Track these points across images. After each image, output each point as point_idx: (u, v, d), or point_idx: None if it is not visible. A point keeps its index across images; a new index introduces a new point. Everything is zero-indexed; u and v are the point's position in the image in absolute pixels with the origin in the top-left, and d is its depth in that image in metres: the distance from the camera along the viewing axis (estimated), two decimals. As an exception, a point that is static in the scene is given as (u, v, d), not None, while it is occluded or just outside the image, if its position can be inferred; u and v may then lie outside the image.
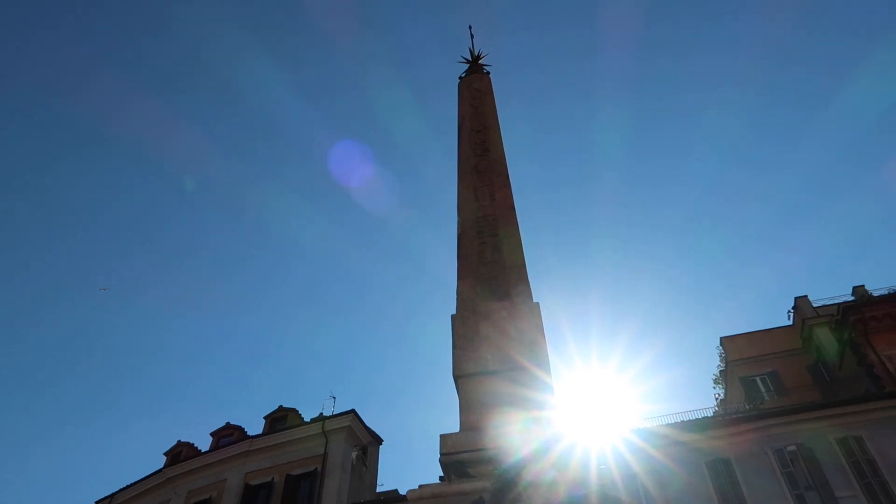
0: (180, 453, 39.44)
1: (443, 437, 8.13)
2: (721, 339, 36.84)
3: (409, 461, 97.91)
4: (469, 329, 9.51)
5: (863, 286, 33.74)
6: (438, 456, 8.21)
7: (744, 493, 26.10)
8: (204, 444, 39.81)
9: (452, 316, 9.74)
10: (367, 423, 36.98)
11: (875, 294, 32.20)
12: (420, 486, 7.38)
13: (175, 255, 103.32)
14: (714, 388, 39.18)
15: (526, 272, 10.34)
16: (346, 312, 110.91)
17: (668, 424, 29.06)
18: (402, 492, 29.04)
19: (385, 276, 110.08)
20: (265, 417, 39.28)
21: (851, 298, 32.86)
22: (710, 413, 31.86)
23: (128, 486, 38.52)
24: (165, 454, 40.11)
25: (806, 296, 35.87)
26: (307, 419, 37.66)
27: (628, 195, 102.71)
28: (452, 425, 8.66)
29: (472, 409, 8.64)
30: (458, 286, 10.09)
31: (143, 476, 38.49)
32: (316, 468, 33.70)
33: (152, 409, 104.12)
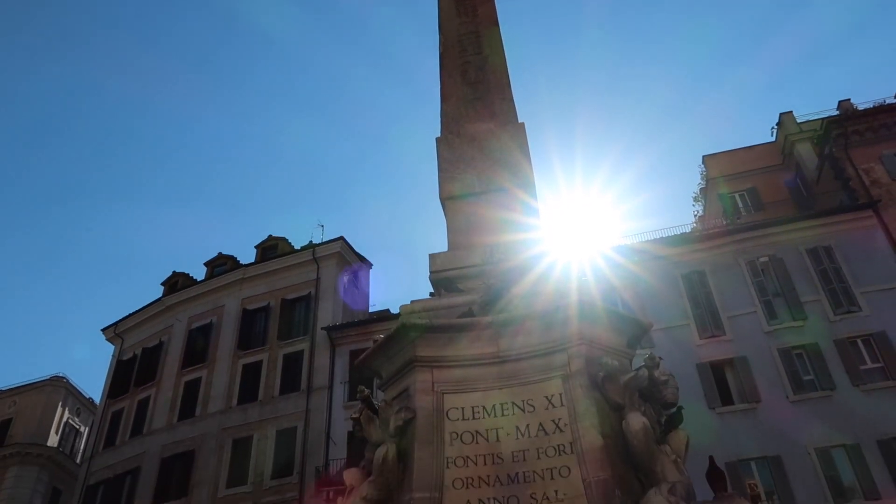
0: (177, 283, 40.72)
1: (432, 257, 8.41)
2: (703, 157, 37.09)
3: (399, 284, 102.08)
4: (454, 151, 9.47)
5: (848, 100, 33.45)
6: (428, 274, 8.55)
7: (716, 302, 27.73)
8: (199, 273, 41.03)
9: (437, 139, 9.65)
10: (356, 249, 38.01)
11: (860, 108, 32.02)
12: (412, 302, 7.75)
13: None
14: (693, 205, 40.17)
15: (511, 92, 10.09)
16: (333, 132, 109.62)
17: (647, 241, 30.13)
18: (394, 311, 30.63)
19: (381, 101, 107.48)
20: (256, 247, 40.18)
21: (837, 113, 32.70)
22: (688, 230, 32.94)
23: (130, 315, 40.15)
24: (163, 284, 41.40)
25: (791, 111, 35.63)
26: (297, 247, 38.58)
27: (618, 6, 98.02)
28: (441, 246, 8.93)
29: (460, 230, 8.85)
30: (441, 107, 9.89)
31: (143, 305, 39.94)
32: (309, 292, 35.09)
33: (146, 242, 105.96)
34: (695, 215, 39.21)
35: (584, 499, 5.82)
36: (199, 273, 40.87)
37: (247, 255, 40.46)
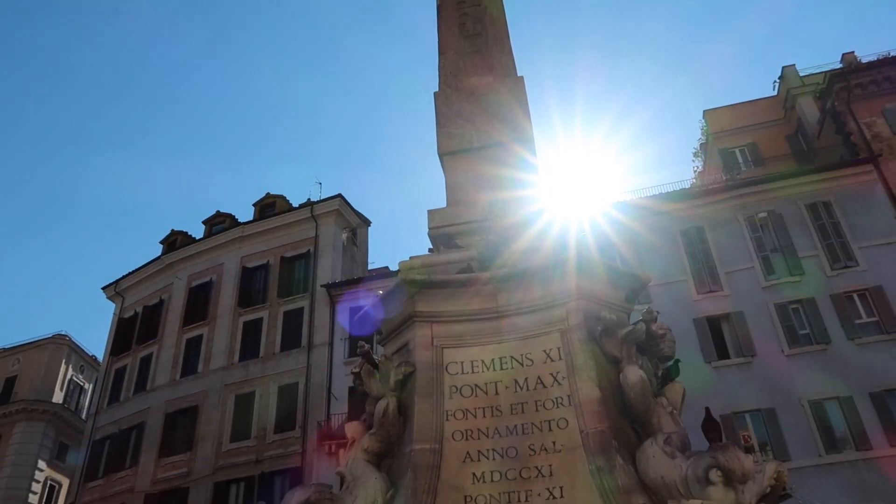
0: (175, 241, 40.73)
1: (430, 213, 8.38)
2: (704, 112, 36.72)
3: (398, 242, 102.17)
4: (452, 106, 9.35)
5: (852, 53, 32.98)
6: (427, 230, 8.54)
7: (714, 257, 27.84)
8: (197, 232, 41.02)
9: (435, 93, 9.52)
10: (355, 207, 37.93)
11: (864, 61, 31.58)
12: (411, 258, 7.75)
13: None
14: (693, 161, 39.95)
15: (510, 45, 9.93)
16: (331, 87, 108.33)
17: (647, 197, 30.07)
18: (393, 269, 30.74)
19: (380, 55, 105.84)
20: (254, 205, 40.08)
21: (840, 66, 32.26)
22: (687, 185, 32.83)
23: (130, 273, 40.27)
24: (161, 242, 41.41)
25: (793, 65, 35.14)
26: (295, 205, 38.49)
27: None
28: (440, 203, 8.90)
29: (458, 186, 8.81)
30: (439, 61, 9.72)
31: (143, 263, 40.03)
32: (308, 250, 35.15)
33: (143, 199, 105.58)
34: (694, 171, 39.05)
35: (582, 450, 5.92)
36: (197, 231, 40.90)
37: (245, 213, 40.44)
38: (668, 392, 6.47)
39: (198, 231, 40.82)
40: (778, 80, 35.65)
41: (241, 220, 39.24)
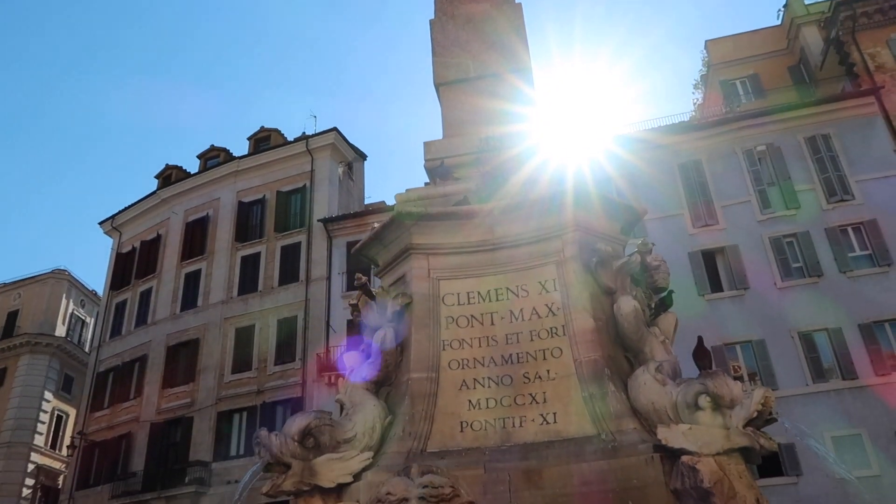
0: (170, 175, 40.46)
1: (427, 144, 8.32)
2: (706, 42, 35.91)
3: (394, 176, 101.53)
4: (448, 35, 9.14)
5: (861, -21, 31.94)
6: (423, 163, 8.49)
7: (710, 191, 27.80)
8: (192, 166, 40.69)
9: (431, 21, 9.30)
10: (351, 141, 37.53)
11: (871, -12, 30.65)
12: (407, 190, 7.74)
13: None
14: (693, 93, 39.36)
15: (508, -30, 9.63)
16: (326, 15, 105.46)
17: (645, 130, 29.78)
18: (390, 203, 30.65)
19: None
20: (249, 138, 39.62)
21: (846, -7, 31.32)
22: (686, 118, 32.45)
23: (126, 208, 40.16)
24: (156, 177, 41.13)
25: (800, -8, 34.14)
26: (290, 139, 38.06)
27: None
28: (436, 136, 8.81)
29: (455, 117, 8.70)
30: (435, -13, 9.46)
31: (139, 198, 39.88)
32: (304, 184, 34.99)
33: (136, 132, 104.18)
34: (694, 104, 38.52)
35: (575, 378, 6.08)
36: (192, 166, 40.54)
37: (240, 148, 40.07)
38: (660, 322, 6.59)
39: (192, 166, 40.51)
40: (782, 9, 34.74)
41: (235, 154, 38.87)
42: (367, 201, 38.31)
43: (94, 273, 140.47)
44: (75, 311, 47.09)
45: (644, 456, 5.24)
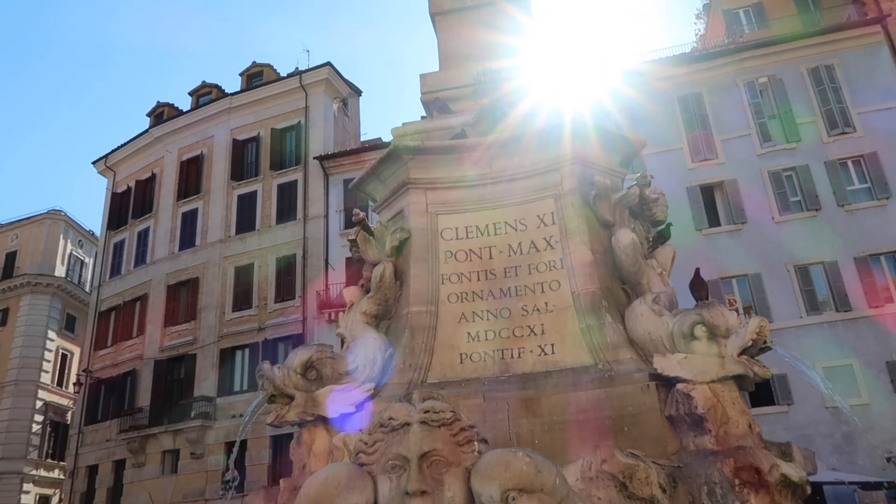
0: (162, 113, 39.86)
1: (423, 77, 8.16)
2: (710, -30, 34.77)
3: (390, 114, 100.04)
4: (445, -38, 8.85)
5: None
6: (420, 96, 8.35)
7: (711, 125, 27.49)
8: (183, 104, 40.02)
9: (426, -54, 8.98)
10: (345, 76, 36.81)
11: None
12: (404, 124, 7.64)
13: None
14: (696, 23, 38.40)
15: None
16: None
17: (645, 62, 29.17)
18: (386, 140, 30.30)
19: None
20: (241, 74, 38.83)
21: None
22: (688, 50, 31.75)
23: (119, 147, 39.71)
24: (148, 115, 40.51)
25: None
26: (283, 75, 37.32)
27: None
28: (432, 68, 8.62)
29: (451, 48, 8.52)
30: None
31: (132, 137, 39.38)
32: (299, 121, 34.53)
33: (125, 69, 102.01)
34: (696, 35, 37.62)
35: (573, 309, 6.14)
36: (184, 103, 39.87)
37: (231, 84, 39.29)
38: (658, 255, 6.62)
39: (184, 103, 39.84)
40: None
41: (228, 91, 38.14)
42: (362, 138, 37.86)
43: (91, 213, 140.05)
44: (74, 252, 47.17)
45: (640, 384, 5.35)
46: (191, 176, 36.13)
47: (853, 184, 25.42)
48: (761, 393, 20.50)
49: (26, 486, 39.52)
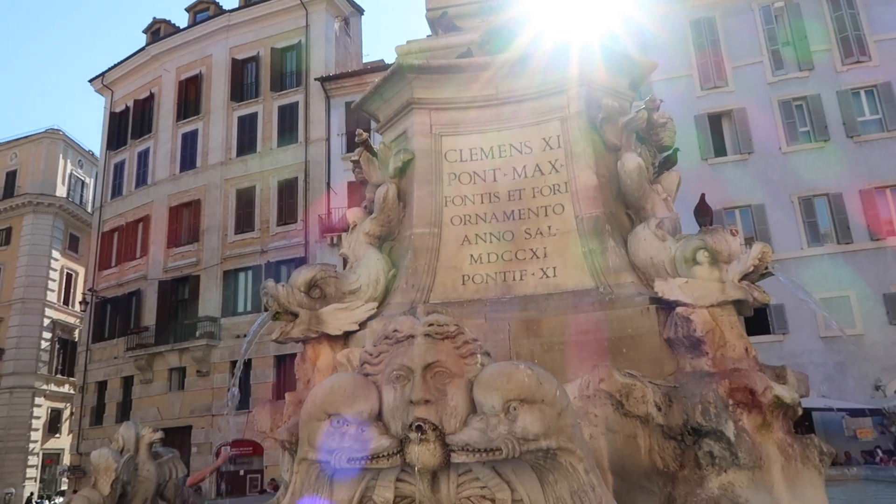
0: (159, 30, 38.88)
1: (428, -9, 7.88)
2: None
3: (393, 36, 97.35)
4: None
5: None
6: (424, 12, 8.08)
7: (722, 51, 26.79)
8: (180, 20, 38.94)
9: None
10: (347, -7, 35.62)
11: None
12: (408, 42, 7.42)
13: None
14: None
15: None
16: None
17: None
18: (389, 61, 29.59)
19: None
20: (239, -10, 37.57)
21: None
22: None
23: (116, 65, 38.91)
24: (144, 32, 39.51)
25: None
26: (283, -10, 36.07)
27: None
28: (437, -17, 8.30)
29: (458, -38, 8.18)
30: None
31: (128, 55, 38.54)
32: (300, 40, 33.71)
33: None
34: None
35: (576, 233, 6.14)
36: (180, 20, 38.84)
37: (230, 0, 38.08)
38: (663, 180, 6.56)
39: (181, 19, 38.85)
40: None
41: (226, 7, 37.02)
42: (364, 60, 37.01)
43: (90, 134, 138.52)
44: (74, 172, 46.96)
45: (640, 307, 5.41)
46: (190, 96, 35.53)
47: (864, 114, 25.00)
48: (758, 322, 20.82)
49: (38, 401, 40.77)
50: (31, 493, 38.70)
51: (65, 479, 35.89)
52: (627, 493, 4.63)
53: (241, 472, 27.16)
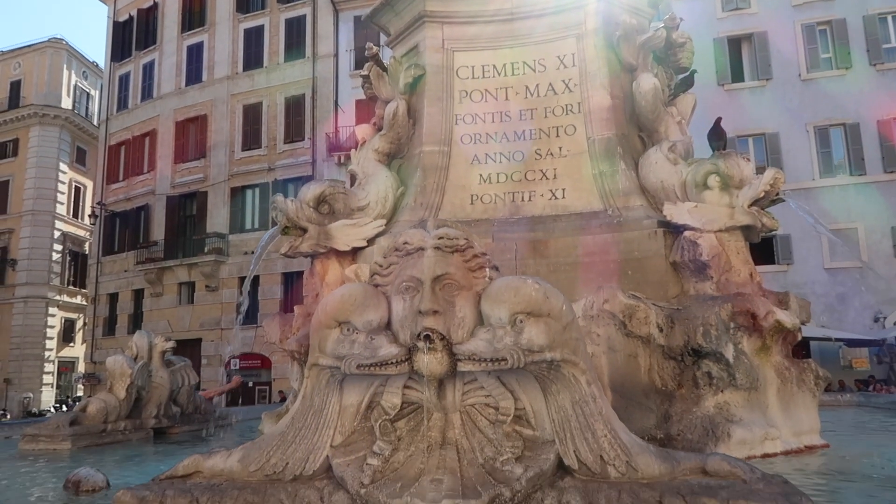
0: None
1: None
2: None
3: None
4: None
5: None
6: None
7: (747, -30, 25.60)
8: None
9: None
10: None
11: None
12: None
13: None
14: None
15: None
16: None
17: None
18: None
19: None
20: None
21: None
22: None
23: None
24: (147, -64, 37.86)
25: None
26: None
27: None
28: None
29: None
30: None
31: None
32: (308, -51, 32.31)
33: None
34: None
35: (587, 155, 6.09)
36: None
37: None
38: (678, 103, 6.45)
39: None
40: None
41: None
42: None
43: (93, 46, 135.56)
44: (79, 84, 46.24)
45: (648, 230, 5.42)
46: (194, 5, 34.49)
47: (890, 41, 24.14)
48: (763, 252, 20.82)
49: (52, 311, 41.66)
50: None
51: (80, 386, 37.14)
52: (625, 409, 4.77)
53: (250, 384, 28.00)
